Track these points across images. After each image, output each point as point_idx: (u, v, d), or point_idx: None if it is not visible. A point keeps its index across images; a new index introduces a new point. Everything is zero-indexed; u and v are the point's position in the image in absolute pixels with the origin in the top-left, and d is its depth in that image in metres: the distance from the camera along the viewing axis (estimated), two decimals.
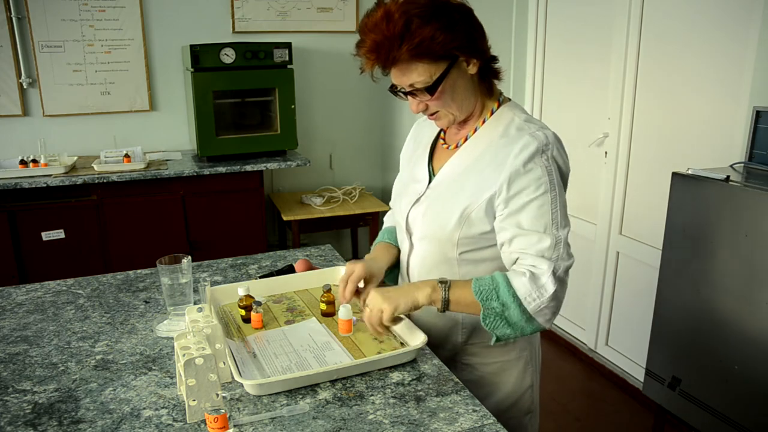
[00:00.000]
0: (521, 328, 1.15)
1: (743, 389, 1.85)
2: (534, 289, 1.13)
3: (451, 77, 1.16)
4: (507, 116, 1.24)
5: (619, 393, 2.82)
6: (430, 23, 1.10)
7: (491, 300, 1.14)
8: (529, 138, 1.16)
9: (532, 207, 1.15)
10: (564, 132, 1.27)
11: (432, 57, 1.12)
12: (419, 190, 1.30)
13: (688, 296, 2.02)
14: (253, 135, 3.39)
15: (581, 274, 3.10)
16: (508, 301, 1.13)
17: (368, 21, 1.13)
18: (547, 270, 1.13)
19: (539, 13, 3.24)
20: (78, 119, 3.45)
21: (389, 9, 1.10)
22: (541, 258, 1.15)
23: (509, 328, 1.15)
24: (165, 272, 1.34)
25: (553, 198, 1.16)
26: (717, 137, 2.30)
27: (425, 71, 1.13)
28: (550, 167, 1.16)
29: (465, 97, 1.20)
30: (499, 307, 1.14)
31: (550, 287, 1.13)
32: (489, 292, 1.14)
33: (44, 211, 2.99)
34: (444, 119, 1.23)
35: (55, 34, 3.29)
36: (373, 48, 1.12)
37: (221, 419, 0.96)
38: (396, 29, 1.09)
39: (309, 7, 3.70)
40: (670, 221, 2.06)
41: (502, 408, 1.32)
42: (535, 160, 1.15)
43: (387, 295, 1.19)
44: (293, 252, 1.90)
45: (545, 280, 1.13)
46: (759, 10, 2.07)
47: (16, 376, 1.18)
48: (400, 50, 1.10)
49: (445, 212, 1.22)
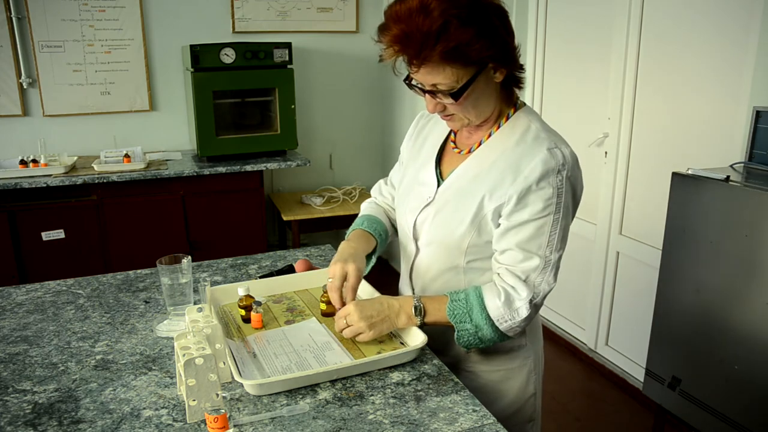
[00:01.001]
0: (493, 341, 1.19)
1: (743, 389, 1.85)
2: (507, 312, 1.14)
3: (478, 84, 1.10)
4: (523, 123, 1.19)
5: (619, 393, 2.82)
6: (469, 26, 1.02)
7: (465, 323, 1.17)
8: (547, 154, 1.11)
9: (531, 226, 1.13)
10: (564, 132, 1.26)
11: (464, 62, 1.05)
12: (426, 194, 1.25)
13: (688, 296, 2.02)
14: (253, 135, 3.39)
15: (581, 274, 3.10)
16: (481, 323, 1.15)
17: (400, 8, 1.04)
18: (525, 297, 1.14)
19: (539, 13, 3.24)
20: (78, 119, 3.45)
21: (427, 2, 1.02)
22: (522, 282, 1.14)
23: (482, 343, 1.19)
24: (165, 272, 1.34)
25: (556, 220, 1.13)
26: (717, 137, 2.30)
27: (453, 75, 1.07)
28: (561, 189, 1.12)
29: (486, 104, 1.16)
30: (472, 329, 1.16)
31: (524, 312, 1.14)
32: (462, 315, 1.16)
33: (44, 211, 2.99)
34: (458, 122, 1.19)
35: (55, 34, 3.29)
36: (402, 39, 1.03)
37: (221, 419, 0.96)
38: (433, 26, 1.01)
39: (309, 7, 3.70)
40: (670, 221, 2.06)
41: (504, 416, 1.30)
42: (549, 180, 1.11)
43: (369, 318, 1.18)
44: (293, 252, 1.90)
45: (520, 304, 1.14)
46: (759, 10, 2.07)
47: (16, 376, 1.18)
48: (434, 50, 1.02)
49: (455, 218, 1.19)
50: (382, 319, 1.20)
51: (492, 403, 1.28)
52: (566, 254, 1.21)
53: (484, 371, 1.31)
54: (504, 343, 1.26)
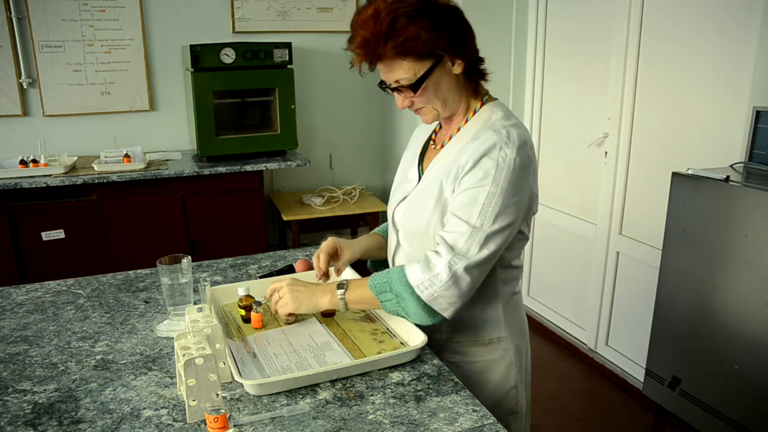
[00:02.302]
0: (422, 317, 1.18)
1: (743, 389, 1.85)
2: (426, 278, 1.15)
3: (434, 75, 1.19)
4: (485, 116, 1.26)
5: (619, 393, 2.82)
6: (415, 22, 1.13)
7: (385, 292, 1.20)
8: (491, 133, 1.18)
9: (467, 194, 1.17)
10: (564, 132, 1.27)
11: (416, 55, 1.16)
12: (408, 189, 1.34)
13: (688, 296, 2.02)
14: (253, 135, 3.39)
15: (581, 274, 3.10)
16: (402, 291, 1.17)
17: (358, 18, 1.17)
18: (444, 259, 1.14)
19: (539, 13, 3.24)
20: (78, 119, 3.45)
21: (378, 7, 1.14)
22: (446, 246, 1.15)
23: (409, 317, 1.20)
24: (165, 272, 1.34)
25: (492, 193, 1.15)
26: (717, 137, 2.30)
27: (410, 69, 1.17)
28: (502, 164, 1.15)
29: (449, 95, 1.23)
30: (393, 298, 1.19)
31: (444, 276, 1.13)
32: (383, 285, 1.20)
33: (44, 211, 2.99)
34: (429, 114, 1.27)
35: (55, 34, 3.29)
36: (362, 44, 1.16)
37: (221, 419, 0.96)
38: (382, 27, 1.13)
39: (309, 7, 3.70)
40: (670, 221, 2.06)
41: (486, 407, 1.32)
42: (491, 154, 1.16)
43: (295, 293, 1.26)
44: (293, 252, 1.90)
45: (440, 269, 1.14)
46: (759, 10, 2.07)
47: (16, 376, 1.18)
48: (385, 47, 1.14)
49: (421, 206, 1.27)
50: (306, 295, 1.26)
51: (474, 393, 1.30)
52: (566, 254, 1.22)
53: (464, 362, 1.34)
54: (483, 335, 1.31)
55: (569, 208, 3.15)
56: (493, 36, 3.31)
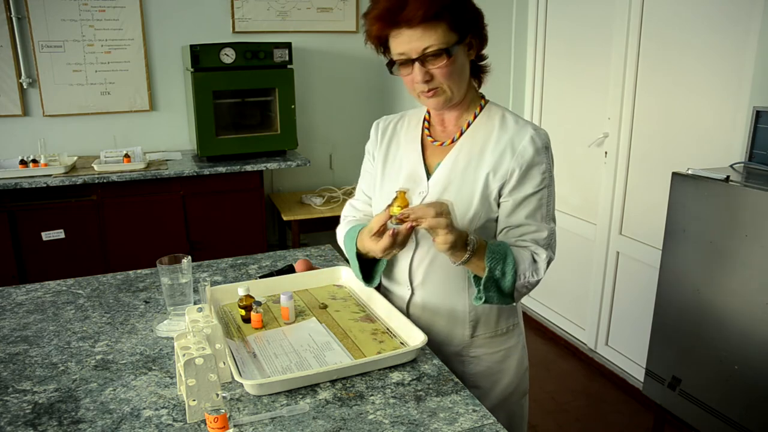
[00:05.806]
0: (497, 298, 1.21)
1: (743, 389, 1.85)
2: (531, 269, 1.21)
3: (459, 53, 1.18)
4: (497, 112, 1.29)
5: (619, 393, 2.82)
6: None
7: (496, 270, 1.18)
8: (535, 133, 1.23)
9: (534, 199, 1.23)
10: (564, 132, 1.27)
11: (450, 21, 1.14)
12: (420, 188, 1.29)
13: (688, 296, 2.02)
14: (253, 135, 3.39)
15: (581, 274, 3.10)
16: (508, 273, 1.18)
17: None
18: (545, 258, 1.23)
19: (539, 13, 3.24)
20: (78, 119, 3.45)
21: None
22: (540, 247, 1.23)
23: (493, 296, 1.20)
24: (165, 272, 1.34)
25: (551, 192, 1.25)
26: (717, 137, 2.30)
27: (444, 34, 1.14)
28: (550, 163, 1.25)
29: (464, 80, 1.23)
30: (499, 275, 1.19)
31: (542, 272, 1.22)
32: (497, 261, 1.18)
33: (44, 211, 2.99)
34: (441, 96, 1.21)
35: (55, 34, 3.29)
36: (394, 5, 1.11)
37: (221, 419, 0.96)
38: None
39: (309, 7, 3.70)
40: (670, 221, 2.07)
41: (507, 393, 1.37)
42: (542, 155, 1.22)
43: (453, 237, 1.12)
44: (293, 252, 1.90)
45: (541, 265, 1.22)
46: (759, 10, 2.07)
47: (16, 376, 1.18)
48: (424, 4, 1.10)
49: (461, 201, 1.24)
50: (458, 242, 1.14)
51: (496, 383, 1.36)
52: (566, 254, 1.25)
53: (486, 354, 1.35)
54: (501, 324, 1.35)
55: (569, 208, 3.15)
56: (493, 36, 3.29)
